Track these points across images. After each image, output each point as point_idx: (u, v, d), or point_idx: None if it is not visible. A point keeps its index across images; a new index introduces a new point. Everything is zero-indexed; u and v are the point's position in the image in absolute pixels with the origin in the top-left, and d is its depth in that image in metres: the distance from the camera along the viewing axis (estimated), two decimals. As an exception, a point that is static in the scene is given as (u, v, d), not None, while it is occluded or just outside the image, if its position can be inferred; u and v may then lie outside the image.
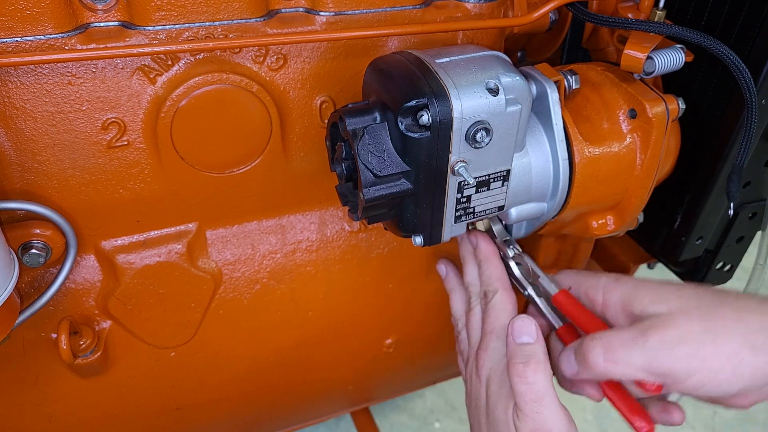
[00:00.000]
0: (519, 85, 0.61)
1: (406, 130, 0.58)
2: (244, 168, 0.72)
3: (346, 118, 0.59)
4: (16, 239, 0.65)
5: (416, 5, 0.69)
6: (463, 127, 0.58)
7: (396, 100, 0.58)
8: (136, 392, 0.81)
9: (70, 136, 0.63)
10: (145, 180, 0.69)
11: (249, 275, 0.80)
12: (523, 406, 0.62)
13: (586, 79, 0.73)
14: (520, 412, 0.62)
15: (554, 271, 0.79)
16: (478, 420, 0.71)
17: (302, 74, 0.69)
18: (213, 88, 0.64)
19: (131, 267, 0.73)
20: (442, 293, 0.86)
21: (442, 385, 1.87)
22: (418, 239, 0.66)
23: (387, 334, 0.94)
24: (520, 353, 0.65)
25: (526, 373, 0.63)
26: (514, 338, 0.66)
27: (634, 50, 0.66)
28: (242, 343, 0.83)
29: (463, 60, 0.61)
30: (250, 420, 0.97)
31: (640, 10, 0.71)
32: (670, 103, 0.69)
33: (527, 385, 0.63)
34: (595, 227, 0.77)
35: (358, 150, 0.59)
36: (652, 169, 0.71)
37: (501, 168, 0.64)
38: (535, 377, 0.63)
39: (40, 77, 0.60)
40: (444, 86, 0.57)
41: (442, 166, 0.60)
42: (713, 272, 0.94)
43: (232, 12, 0.62)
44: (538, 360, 0.64)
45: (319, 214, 0.82)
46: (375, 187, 0.60)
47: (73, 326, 0.71)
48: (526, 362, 0.64)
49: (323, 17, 0.66)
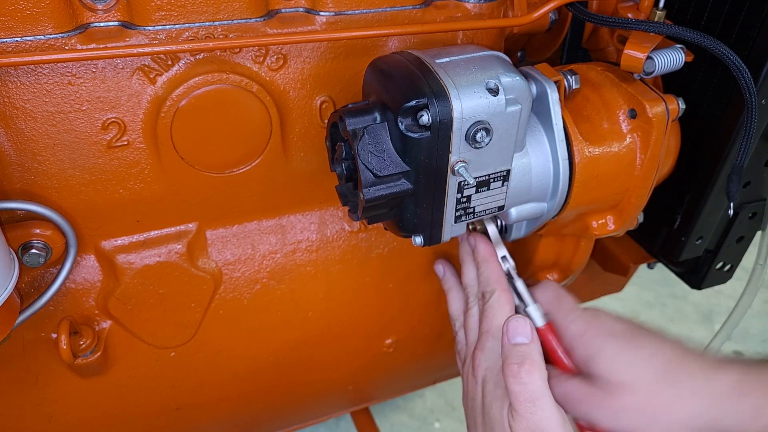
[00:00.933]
0: (519, 85, 0.61)
1: (406, 130, 0.58)
2: (244, 168, 0.72)
3: (346, 118, 0.59)
4: (16, 239, 0.65)
5: (416, 5, 0.69)
6: (463, 127, 0.58)
7: (396, 100, 0.58)
8: (136, 392, 0.81)
9: (70, 136, 0.63)
10: (145, 180, 0.69)
11: (249, 275, 0.80)
12: (517, 406, 0.62)
13: (586, 79, 0.73)
14: (514, 412, 0.63)
15: (548, 273, 0.78)
16: (475, 420, 0.71)
17: (302, 74, 0.69)
18: (213, 88, 0.64)
19: (131, 267, 0.73)
20: (442, 293, 0.86)
21: (442, 385, 1.87)
22: (418, 239, 0.66)
23: (387, 334, 0.94)
24: (514, 353, 0.65)
25: (520, 374, 0.63)
26: (509, 338, 0.66)
27: (634, 50, 0.66)
28: (242, 343, 0.83)
29: (463, 60, 0.61)
30: (250, 420, 0.97)
31: (640, 9, 0.71)
32: (670, 103, 0.69)
33: (521, 385, 0.63)
34: (595, 227, 0.77)
35: (358, 150, 0.59)
36: (652, 169, 0.71)
37: (501, 168, 0.64)
38: (529, 378, 0.63)
39: (40, 77, 0.60)
40: (444, 86, 0.57)
41: (442, 166, 0.60)
42: (713, 272, 0.94)
43: (232, 12, 0.62)
44: (533, 361, 0.64)
45: (319, 214, 0.82)
46: (375, 187, 0.60)
47: (73, 326, 0.71)
48: (520, 363, 0.64)
49: (323, 17, 0.66)
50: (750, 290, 0.88)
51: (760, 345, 2.12)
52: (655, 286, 2.33)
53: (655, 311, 2.25)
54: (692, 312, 2.25)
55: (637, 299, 2.28)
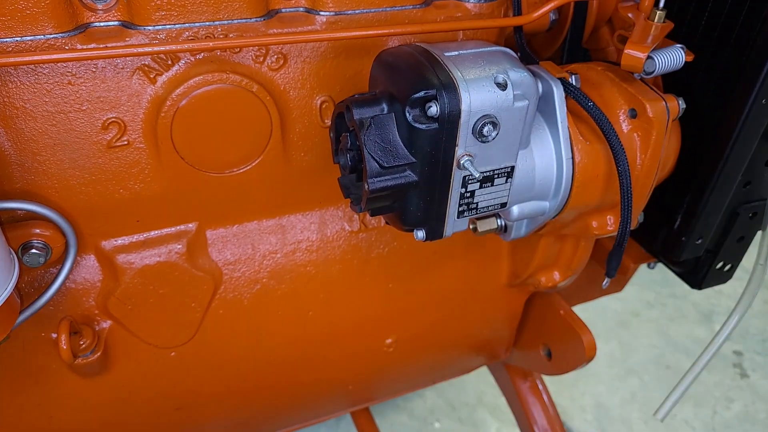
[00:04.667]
0: (527, 81, 0.61)
1: (414, 121, 0.58)
2: (244, 168, 0.71)
3: (353, 108, 0.59)
4: (16, 239, 0.65)
5: (416, 5, 0.69)
6: (471, 120, 0.58)
7: (404, 91, 0.58)
8: (136, 392, 0.81)
9: (70, 136, 0.63)
10: (145, 180, 0.69)
11: (249, 275, 0.80)
12: None
13: (587, 79, 0.73)
14: None
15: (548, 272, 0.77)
16: None
17: (302, 74, 0.68)
18: (213, 87, 0.64)
19: (131, 267, 0.73)
20: (442, 293, 0.86)
21: (442, 385, 1.87)
22: (420, 233, 0.66)
23: (387, 334, 0.94)
24: None
25: None
26: None
27: (634, 50, 0.66)
28: (242, 342, 0.83)
29: (471, 54, 0.61)
30: (251, 420, 0.97)
31: (640, 9, 0.71)
32: (670, 102, 0.69)
33: None
34: (595, 227, 0.77)
35: (365, 140, 0.58)
36: (653, 168, 0.71)
37: (506, 164, 0.64)
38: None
39: (40, 77, 0.60)
40: (453, 78, 0.57)
41: (448, 159, 0.60)
42: (713, 272, 0.94)
43: (232, 12, 0.62)
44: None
45: (319, 214, 0.82)
46: (380, 178, 0.59)
47: (73, 326, 0.71)
48: None
49: (323, 17, 0.66)
50: (750, 290, 0.88)
51: (760, 345, 2.12)
52: (655, 286, 2.33)
53: (655, 311, 2.25)
54: (692, 312, 2.25)
55: (637, 299, 2.27)
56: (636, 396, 1.93)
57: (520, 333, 1.10)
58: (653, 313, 2.25)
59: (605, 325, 2.16)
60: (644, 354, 2.08)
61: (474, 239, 0.91)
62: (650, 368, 2.03)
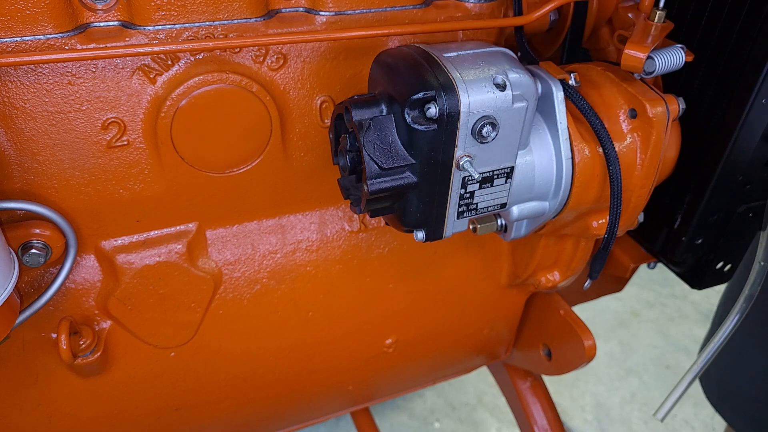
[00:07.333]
0: (526, 82, 0.61)
1: (413, 122, 0.58)
2: (244, 168, 0.71)
3: (353, 109, 0.59)
4: (16, 239, 0.65)
5: (416, 5, 0.69)
6: (470, 121, 0.58)
7: (403, 92, 0.58)
8: (136, 392, 0.81)
9: (70, 136, 0.63)
10: (145, 180, 0.69)
11: (249, 275, 0.80)
12: None
13: (587, 79, 0.73)
14: None
15: (548, 272, 0.77)
16: None
17: (302, 74, 0.68)
18: (213, 88, 0.64)
19: (131, 267, 0.73)
20: (442, 293, 0.86)
21: (442, 385, 1.88)
22: (420, 234, 0.66)
23: (387, 334, 0.94)
24: None
25: None
26: None
27: (634, 50, 0.66)
28: (242, 343, 0.83)
29: (470, 54, 0.61)
30: (250, 420, 0.97)
31: (640, 9, 0.71)
32: (670, 102, 0.68)
33: None
34: (595, 227, 0.77)
35: (364, 141, 0.59)
36: (652, 169, 0.71)
37: (505, 164, 0.64)
38: None
39: (40, 77, 0.60)
40: (452, 80, 0.57)
41: (448, 160, 0.60)
42: (713, 272, 0.94)
43: (232, 12, 0.62)
44: None
45: (319, 214, 0.82)
46: (379, 179, 0.59)
47: (73, 326, 0.71)
48: None
49: (323, 17, 0.66)
50: (750, 290, 0.87)
51: (760, 345, 2.12)
52: (655, 286, 2.34)
53: (655, 311, 2.25)
54: (692, 312, 2.25)
55: (637, 299, 2.28)
56: (636, 396, 1.93)
57: (520, 333, 1.10)
58: (653, 313, 2.26)
59: (605, 324, 2.16)
60: (644, 354, 2.08)
61: (474, 239, 0.91)
62: (650, 368, 2.03)
